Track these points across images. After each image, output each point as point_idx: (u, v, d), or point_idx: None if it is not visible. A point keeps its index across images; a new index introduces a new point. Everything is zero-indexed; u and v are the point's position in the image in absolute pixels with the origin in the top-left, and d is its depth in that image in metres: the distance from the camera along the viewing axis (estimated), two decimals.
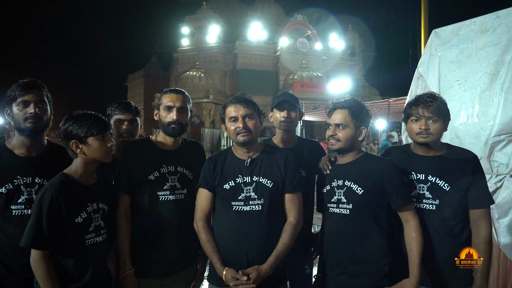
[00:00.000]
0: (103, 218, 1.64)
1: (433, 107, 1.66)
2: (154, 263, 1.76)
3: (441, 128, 1.69)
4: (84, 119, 1.56)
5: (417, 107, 1.69)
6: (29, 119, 1.65)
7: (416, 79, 2.86)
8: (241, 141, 1.68)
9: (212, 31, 28.47)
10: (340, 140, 1.70)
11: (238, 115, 1.68)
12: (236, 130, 1.68)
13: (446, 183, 1.67)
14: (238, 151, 1.76)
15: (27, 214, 1.62)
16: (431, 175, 1.70)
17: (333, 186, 1.74)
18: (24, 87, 1.67)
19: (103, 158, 1.60)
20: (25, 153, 1.71)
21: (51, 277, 1.44)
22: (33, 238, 1.42)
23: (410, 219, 1.64)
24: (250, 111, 1.70)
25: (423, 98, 1.70)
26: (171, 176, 1.81)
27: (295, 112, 2.05)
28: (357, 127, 1.70)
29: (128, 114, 2.15)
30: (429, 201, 1.69)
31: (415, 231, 1.61)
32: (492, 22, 2.35)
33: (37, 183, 1.69)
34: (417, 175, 1.73)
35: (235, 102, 1.71)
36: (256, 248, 1.62)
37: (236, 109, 1.69)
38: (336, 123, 1.70)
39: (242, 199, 1.67)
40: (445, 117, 1.69)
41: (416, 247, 1.59)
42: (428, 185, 1.70)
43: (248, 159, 1.72)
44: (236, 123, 1.68)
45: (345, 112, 1.69)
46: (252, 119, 1.70)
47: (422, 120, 1.68)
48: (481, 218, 1.66)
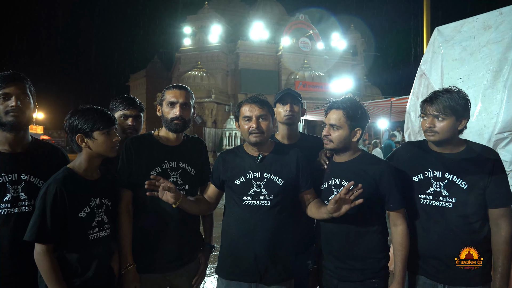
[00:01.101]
0: (107, 214, 1.64)
1: (437, 105, 1.61)
2: (156, 258, 1.77)
3: (451, 126, 1.61)
4: (90, 113, 1.57)
5: (425, 103, 1.67)
6: (10, 113, 1.55)
7: (419, 77, 2.85)
8: (253, 141, 1.73)
9: (214, 30, 28.47)
10: (333, 141, 1.71)
11: (253, 115, 1.72)
12: (250, 129, 1.72)
13: (464, 181, 1.62)
14: (249, 149, 1.82)
15: (13, 213, 1.56)
16: (448, 173, 1.65)
17: (331, 184, 1.75)
18: (5, 79, 1.56)
19: (108, 152, 1.61)
20: (9, 149, 1.61)
21: (55, 271, 1.44)
22: (37, 232, 1.43)
23: (399, 223, 1.64)
24: (264, 112, 1.74)
25: (435, 94, 1.66)
26: (173, 171, 1.82)
27: (298, 106, 2.07)
28: (351, 129, 1.69)
29: (133, 110, 2.15)
30: (446, 198, 1.65)
31: (401, 237, 1.62)
32: (495, 19, 2.34)
33: (23, 179, 1.60)
34: (434, 172, 1.69)
35: (251, 102, 1.75)
36: (263, 241, 1.67)
37: (251, 109, 1.73)
38: (330, 123, 1.71)
39: (252, 193, 1.72)
40: (458, 115, 1.61)
41: (400, 253, 1.62)
42: (445, 182, 1.66)
43: (259, 156, 1.77)
44: (250, 122, 1.73)
45: (340, 113, 1.68)
46: (265, 120, 1.74)
47: (429, 118, 1.65)
48: (501, 217, 1.60)
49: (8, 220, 1.55)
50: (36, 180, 1.63)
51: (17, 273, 1.55)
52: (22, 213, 1.58)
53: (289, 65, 28.22)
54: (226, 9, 31.71)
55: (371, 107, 11.59)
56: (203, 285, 3.49)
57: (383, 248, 1.68)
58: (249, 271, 1.69)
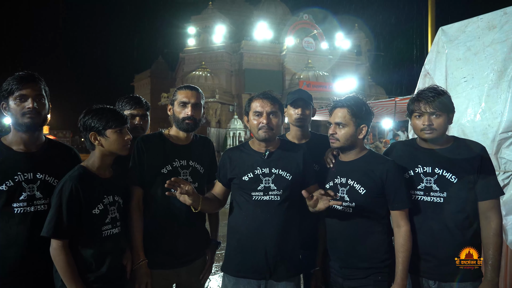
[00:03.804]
0: (119, 211, 1.69)
1: (435, 102, 1.64)
2: (166, 255, 1.81)
3: (445, 122, 1.67)
4: (103, 112, 1.62)
5: (419, 102, 1.69)
6: (27, 114, 1.57)
7: (423, 76, 2.87)
8: (262, 137, 1.74)
9: (218, 31, 28.54)
10: (339, 139, 1.72)
11: (264, 111, 1.73)
12: (259, 125, 1.73)
13: (454, 175, 1.65)
14: (256, 145, 1.82)
15: (29, 212, 1.58)
16: (438, 168, 1.69)
17: (336, 183, 1.77)
18: (22, 81, 1.57)
19: (120, 150, 1.65)
20: (24, 149, 1.63)
21: (70, 266, 1.49)
22: (54, 228, 1.47)
23: (402, 224, 1.64)
24: (275, 109, 1.75)
25: (425, 93, 1.69)
26: (183, 170, 1.86)
27: (309, 110, 2.12)
28: (357, 126, 1.70)
29: (140, 109, 2.18)
30: (437, 193, 1.68)
31: (404, 238, 1.62)
32: (500, 19, 2.35)
33: (38, 178, 1.62)
34: (424, 168, 1.72)
35: (262, 98, 1.76)
36: (274, 236, 1.69)
37: (262, 104, 1.74)
38: (336, 122, 1.72)
39: (262, 189, 1.73)
40: (449, 111, 1.68)
41: (402, 255, 1.60)
42: (435, 177, 1.69)
43: (266, 152, 1.78)
44: (260, 118, 1.74)
45: (345, 110, 1.70)
46: (276, 117, 1.75)
47: (425, 116, 1.67)
48: (491, 209, 1.63)
49: (25, 219, 1.58)
50: (51, 179, 1.67)
51: (34, 271, 1.59)
52: (38, 212, 1.61)
53: (293, 65, 28.21)
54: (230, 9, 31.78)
55: (376, 106, 11.56)
56: (208, 283, 3.52)
57: (388, 249, 1.68)
58: (259, 267, 1.70)
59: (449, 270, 1.64)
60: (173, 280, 1.88)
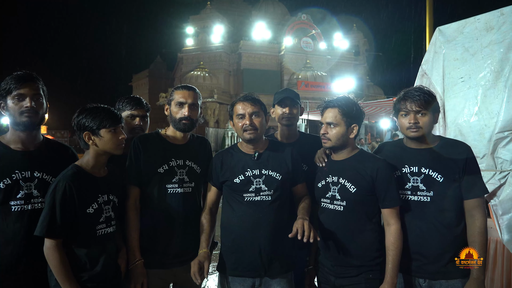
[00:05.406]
0: (114, 210, 1.68)
1: (420, 101, 1.66)
2: (162, 254, 1.81)
3: (431, 120, 1.69)
4: (97, 111, 1.61)
5: (405, 101, 1.71)
6: (25, 113, 1.59)
7: (420, 76, 2.87)
8: (247, 138, 1.78)
9: (217, 31, 28.53)
10: (331, 139, 1.74)
11: (245, 113, 1.77)
12: (243, 127, 1.77)
13: (439, 174, 1.68)
14: (244, 147, 1.86)
15: (26, 210, 1.60)
16: (424, 167, 1.71)
17: (328, 182, 1.78)
18: (20, 80, 1.59)
19: (114, 150, 1.64)
20: (22, 148, 1.65)
21: (64, 265, 1.48)
22: (47, 227, 1.46)
23: (392, 223, 1.65)
24: (257, 109, 1.79)
25: (411, 92, 1.71)
26: (179, 169, 1.86)
27: (296, 109, 2.13)
28: (348, 125, 1.72)
29: (140, 110, 2.17)
30: (423, 193, 1.70)
31: (394, 237, 1.63)
32: (497, 20, 2.35)
33: (36, 177, 1.64)
34: (410, 168, 1.74)
35: (243, 100, 1.81)
36: (267, 234, 1.73)
37: (243, 106, 1.79)
38: (327, 122, 1.74)
39: (253, 190, 1.78)
40: (434, 110, 1.70)
41: (392, 253, 1.61)
42: (421, 177, 1.71)
43: (255, 153, 1.82)
44: (243, 120, 1.78)
45: (336, 110, 1.72)
46: (258, 117, 1.79)
47: (411, 115, 1.69)
48: (476, 208, 1.66)
49: (22, 217, 1.59)
50: (49, 177, 1.67)
51: (30, 269, 1.58)
52: (35, 210, 1.61)
53: (292, 65, 28.25)
54: (229, 9, 31.76)
55: (374, 106, 11.58)
56: (205, 282, 3.54)
57: (379, 247, 1.69)
58: (254, 266, 1.73)
59: (438, 268, 1.66)
60: (170, 280, 1.88)
